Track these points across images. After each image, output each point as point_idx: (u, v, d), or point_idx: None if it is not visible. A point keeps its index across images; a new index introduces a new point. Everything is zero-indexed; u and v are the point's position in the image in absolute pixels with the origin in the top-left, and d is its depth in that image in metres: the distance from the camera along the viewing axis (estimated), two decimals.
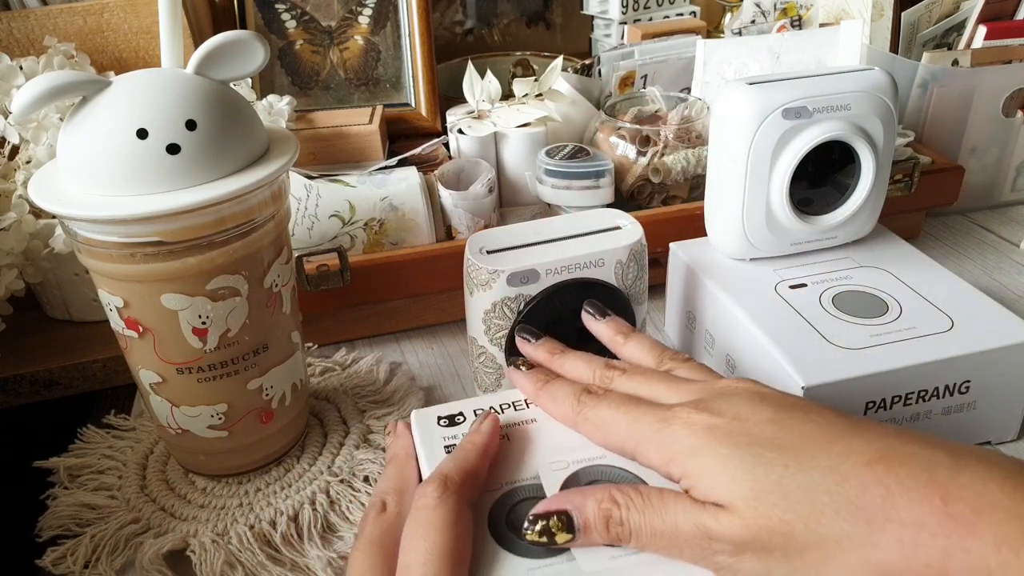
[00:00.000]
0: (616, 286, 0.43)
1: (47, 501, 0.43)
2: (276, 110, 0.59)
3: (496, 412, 0.35)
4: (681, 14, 0.85)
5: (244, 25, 0.69)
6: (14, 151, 0.52)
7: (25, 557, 0.40)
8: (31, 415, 0.54)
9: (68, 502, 0.43)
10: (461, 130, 0.63)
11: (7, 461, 0.48)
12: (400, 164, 0.60)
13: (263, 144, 0.38)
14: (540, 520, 0.29)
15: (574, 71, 0.74)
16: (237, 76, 0.37)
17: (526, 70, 0.83)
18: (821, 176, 0.48)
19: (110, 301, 0.38)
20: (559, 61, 0.66)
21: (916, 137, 0.68)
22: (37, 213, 0.51)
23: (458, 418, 0.36)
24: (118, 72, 0.41)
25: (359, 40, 0.69)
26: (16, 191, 0.51)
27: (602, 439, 0.32)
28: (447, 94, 0.72)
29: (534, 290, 0.42)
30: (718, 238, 0.51)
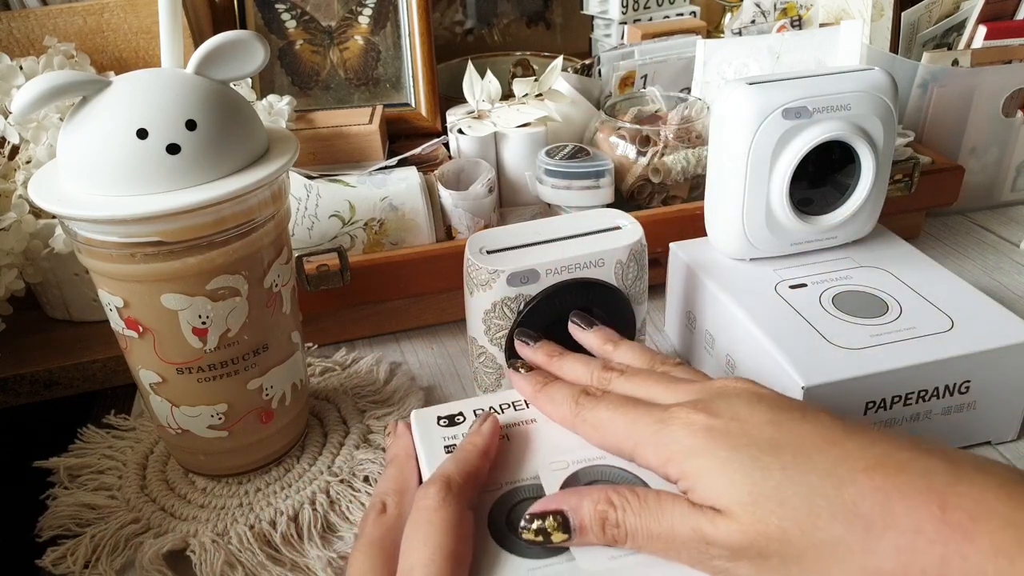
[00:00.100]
0: (616, 286, 0.43)
1: (47, 501, 0.43)
2: (276, 110, 0.59)
3: (496, 412, 0.35)
4: (681, 14, 0.85)
5: (244, 25, 0.69)
6: (14, 151, 0.52)
7: (25, 557, 0.40)
8: (31, 415, 0.54)
9: (68, 502, 0.43)
10: (461, 130, 0.63)
11: (7, 461, 0.48)
12: (400, 164, 0.60)
13: (263, 144, 0.38)
14: (536, 519, 0.29)
15: (574, 71, 0.74)
16: (237, 76, 0.37)
17: (526, 70, 0.83)
18: (821, 176, 0.48)
19: (110, 301, 0.38)
20: (559, 61, 0.66)
21: (916, 137, 0.68)
22: (37, 213, 0.51)
23: (458, 418, 0.36)
24: (118, 72, 0.41)
25: (359, 40, 0.69)
26: (16, 191, 0.51)
27: (600, 440, 0.32)
28: (447, 94, 0.72)
29: (534, 290, 0.42)
30: (718, 238, 0.51)
